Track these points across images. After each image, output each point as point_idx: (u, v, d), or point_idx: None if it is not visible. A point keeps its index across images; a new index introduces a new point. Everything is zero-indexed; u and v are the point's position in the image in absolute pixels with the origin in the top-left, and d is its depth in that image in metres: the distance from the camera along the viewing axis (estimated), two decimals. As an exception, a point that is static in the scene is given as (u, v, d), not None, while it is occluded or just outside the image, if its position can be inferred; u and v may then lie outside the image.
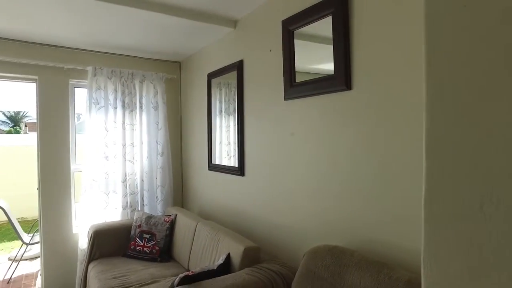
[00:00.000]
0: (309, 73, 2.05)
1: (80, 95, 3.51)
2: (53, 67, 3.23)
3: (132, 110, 3.48)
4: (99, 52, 3.45)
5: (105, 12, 2.44)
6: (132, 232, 3.08)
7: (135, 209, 3.46)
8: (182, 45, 3.29)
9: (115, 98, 3.39)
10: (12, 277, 3.87)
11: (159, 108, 3.60)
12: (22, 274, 4.02)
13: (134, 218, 3.18)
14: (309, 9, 1.93)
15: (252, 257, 2.04)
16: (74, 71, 3.33)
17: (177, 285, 1.80)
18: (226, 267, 2.05)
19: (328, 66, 1.83)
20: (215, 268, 1.97)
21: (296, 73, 2.08)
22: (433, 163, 0.53)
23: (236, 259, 2.06)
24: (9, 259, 4.39)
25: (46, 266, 3.27)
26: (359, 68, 1.68)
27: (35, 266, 4.20)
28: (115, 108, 3.38)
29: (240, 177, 2.75)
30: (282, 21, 2.15)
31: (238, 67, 2.71)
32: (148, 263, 2.86)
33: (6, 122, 20.02)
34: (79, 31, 2.89)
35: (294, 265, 2.01)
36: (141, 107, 3.53)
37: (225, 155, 3.01)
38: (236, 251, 2.08)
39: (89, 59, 3.37)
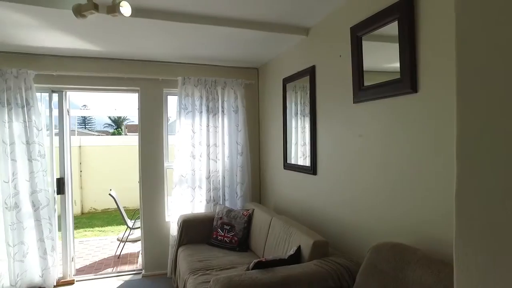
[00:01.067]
0: (376, 71, 2.11)
1: (171, 102, 4.05)
2: (151, 79, 3.80)
3: (215, 114, 3.88)
4: (187, 64, 3.93)
5: (193, 31, 2.83)
6: (215, 223, 3.45)
7: (217, 203, 3.86)
8: (259, 53, 3.57)
9: (201, 104, 3.83)
10: (121, 254, 4.62)
11: (239, 112, 3.95)
12: (127, 252, 4.76)
13: (216, 211, 3.56)
14: (376, 16, 2.00)
15: (320, 250, 2.19)
16: (167, 82, 3.86)
17: (252, 269, 2.04)
18: (296, 258, 2.23)
19: (394, 64, 1.88)
20: (286, 257, 2.17)
21: (364, 76, 2.16)
22: (462, 163, 0.64)
23: (305, 251, 2.22)
24: (118, 239, 5.21)
25: (145, 247, 3.86)
26: (425, 72, 1.71)
27: (137, 247, 4.92)
28: (201, 112, 3.82)
29: (312, 176, 2.90)
30: (350, 27, 2.25)
31: (311, 72, 2.87)
32: (227, 251, 3.20)
33: (111, 125, 23.02)
34: (171, 48, 3.37)
35: (359, 260, 2.10)
36: (223, 111, 3.92)
37: (301, 155, 3.18)
38: (306, 244, 2.24)
39: (179, 70, 3.86)
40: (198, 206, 3.85)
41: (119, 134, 20.65)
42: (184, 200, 3.80)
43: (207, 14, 2.58)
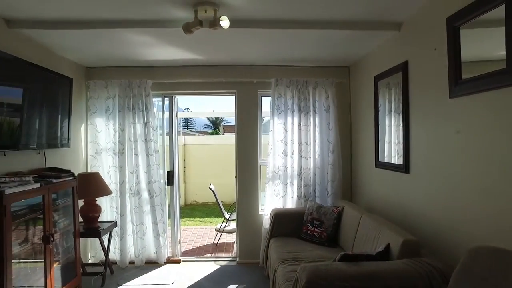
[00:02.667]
0: (476, 61, 1.96)
1: (265, 103, 4.33)
2: (246, 82, 4.13)
3: (306, 113, 4.01)
4: (280, 66, 4.14)
5: (286, 35, 3.02)
6: (305, 218, 3.58)
7: (308, 199, 3.98)
8: (350, 51, 3.57)
9: (293, 104, 4.00)
10: (218, 243, 5.10)
11: (330, 111, 4.00)
12: (224, 242, 5.23)
13: (307, 206, 3.69)
14: (477, 2, 1.86)
15: (410, 249, 2.13)
16: (261, 84, 4.13)
17: (338, 261, 2.11)
18: (384, 256, 2.21)
19: (498, 53, 1.73)
20: (374, 254, 2.18)
21: (462, 69, 2.03)
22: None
23: (395, 249, 2.19)
24: (216, 229, 5.73)
25: (240, 238, 4.21)
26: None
27: (233, 237, 5.35)
28: (293, 112, 3.99)
29: (405, 174, 2.81)
30: (446, 18, 2.13)
31: (403, 68, 2.78)
32: (316, 245, 3.29)
33: (210, 126, 24.89)
34: (265, 52, 3.62)
35: (453, 263, 1.99)
36: (314, 110, 4.02)
37: (394, 153, 3.08)
38: (395, 242, 2.21)
39: (272, 72, 4.09)
40: (289, 201, 4.03)
41: (217, 134, 22.13)
42: (276, 195, 4.02)
43: (298, 19, 2.73)
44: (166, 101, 4.30)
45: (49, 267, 2.82)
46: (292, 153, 4.02)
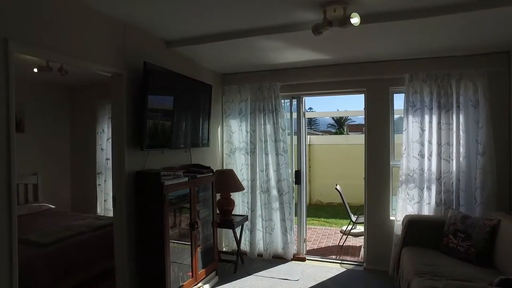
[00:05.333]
0: None
1: (397, 100, 4.01)
2: (377, 79, 3.89)
3: (448, 110, 3.53)
4: (414, 59, 3.73)
5: (423, 25, 2.71)
6: (445, 228, 3.16)
7: (449, 207, 3.50)
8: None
9: (431, 100, 3.58)
10: (343, 245, 4.97)
11: (480, 106, 3.42)
12: (349, 245, 5.06)
13: (448, 215, 3.25)
14: None
15: None
16: (393, 80, 3.83)
17: (496, 286, 1.79)
18: None
19: None
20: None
21: None
22: None
23: None
24: (341, 231, 5.62)
25: (368, 242, 4.00)
26: None
27: (359, 241, 5.14)
28: (431, 109, 3.58)
29: None
30: None
31: None
32: (460, 261, 2.87)
33: (334, 125, 24.48)
34: (397, 46, 3.35)
35: None
36: (458, 107, 3.51)
37: None
38: None
39: (405, 67, 3.74)
40: (425, 208, 3.63)
41: (341, 133, 21.63)
42: (410, 200, 3.67)
43: (439, 4, 2.41)
44: (294, 102, 4.42)
45: (194, 250, 3.26)
46: (429, 155, 3.59)
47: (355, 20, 2.35)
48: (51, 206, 4.85)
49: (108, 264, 3.35)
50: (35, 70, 3.75)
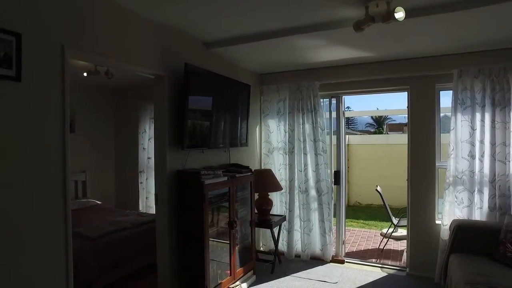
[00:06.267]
0: None
1: (444, 98, 3.80)
2: (421, 76, 3.70)
3: (504, 108, 3.27)
4: (464, 54, 3.49)
5: (473, 16, 2.52)
6: (501, 236, 2.94)
7: (505, 212, 3.23)
8: None
9: (483, 96, 3.34)
10: (384, 248, 4.79)
11: (540, 103, 3.14)
12: (390, 248, 4.87)
13: (505, 222, 3.02)
14: None
15: None
16: (439, 76, 3.63)
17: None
18: None
19: None
20: None
21: None
22: None
23: None
24: (381, 234, 5.42)
25: (411, 246, 3.83)
26: None
27: (401, 245, 4.93)
28: (483, 106, 3.33)
29: None
30: None
31: None
32: (519, 272, 2.65)
33: (373, 125, 23.74)
34: (445, 40, 3.15)
35: None
36: (516, 103, 3.25)
37: None
38: None
39: (453, 62, 3.51)
40: (476, 212, 3.39)
41: (380, 133, 20.97)
42: (459, 203, 3.46)
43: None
44: (333, 101, 4.32)
45: (233, 248, 3.29)
46: (481, 155, 3.36)
47: (399, 14, 2.25)
48: (98, 202, 5.12)
49: (149, 260, 3.47)
50: (85, 74, 3.97)
